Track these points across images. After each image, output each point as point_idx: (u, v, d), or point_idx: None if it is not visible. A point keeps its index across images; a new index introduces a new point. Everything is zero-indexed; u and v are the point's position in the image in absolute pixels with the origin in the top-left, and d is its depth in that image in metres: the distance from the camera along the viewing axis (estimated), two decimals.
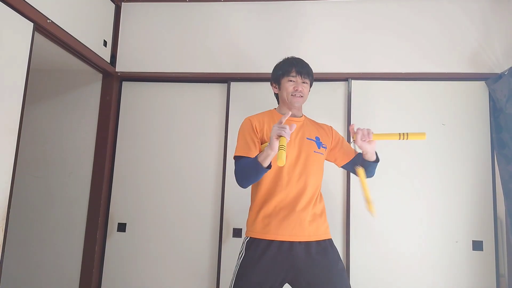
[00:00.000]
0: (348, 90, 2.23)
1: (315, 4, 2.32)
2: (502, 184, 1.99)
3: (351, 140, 1.49)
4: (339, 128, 2.19)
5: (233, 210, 2.20)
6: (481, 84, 2.15)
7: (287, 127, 1.27)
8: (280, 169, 1.49)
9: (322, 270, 1.43)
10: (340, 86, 2.26)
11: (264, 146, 1.48)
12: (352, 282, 2.06)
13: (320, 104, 2.21)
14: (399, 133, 1.44)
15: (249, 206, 1.58)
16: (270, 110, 1.67)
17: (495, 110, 2.09)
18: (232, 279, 1.46)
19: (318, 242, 1.47)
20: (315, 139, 1.57)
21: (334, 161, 1.70)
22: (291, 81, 1.55)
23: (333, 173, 2.14)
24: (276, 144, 1.26)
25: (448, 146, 2.12)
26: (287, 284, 1.47)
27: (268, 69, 1.73)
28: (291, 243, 1.44)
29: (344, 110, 2.23)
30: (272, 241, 1.44)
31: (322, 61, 2.24)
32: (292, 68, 1.55)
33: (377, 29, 2.25)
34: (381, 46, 2.24)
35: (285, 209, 1.47)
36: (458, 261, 2.02)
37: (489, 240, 2.02)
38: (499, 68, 2.12)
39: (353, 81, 2.23)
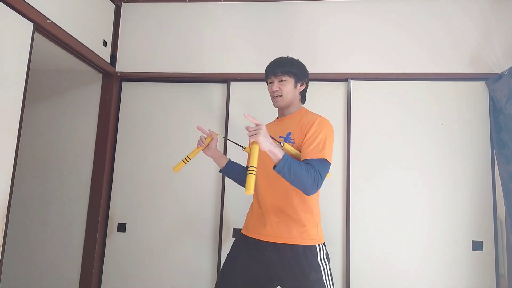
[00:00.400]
0: (348, 90, 2.23)
1: (315, 4, 2.32)
2: (502, 184, 1.99)
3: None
4: (339, 128, 2.19)
5: (233, 210, 2.20)
6: (481, 84, 2.15)
7: (201, 137, 1.63)
8: (258, 169, 1.40)
9: (291, 277, 1.38)
10: (340, 86, 2.26)
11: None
12: (352, 281, 2.07)
13: (320, 104, 2.21)
14: (250, 167, 1.17)
15: None
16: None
17: (495, 110, 2.09)
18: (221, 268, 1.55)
19: (291, 246, 1.39)
20: (285, 135, 1.47)
21: None
22: (270, 83, 1.55)
23: (333, 174, 2.14)
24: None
25: (448, 146, 2.12)
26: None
27: None
28: (265, 242, 1.44)
29: (344, 110, 2.23)
30: (249, 237, 1.50)
31: (322, 61, 2.24)
32: (267, 70, 1.56)
33: (377, 29, 2.25)
34: (381, 46, 2.24)
35: (259, 207, 1.51)
36: (458, 261, 2.02)
37: (489, 240, 2.02)
38: (499, 68, 2.12)
39: (353, 81, 2.23)
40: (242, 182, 1.65)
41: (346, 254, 2.09)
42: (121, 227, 2.32)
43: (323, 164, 1.35)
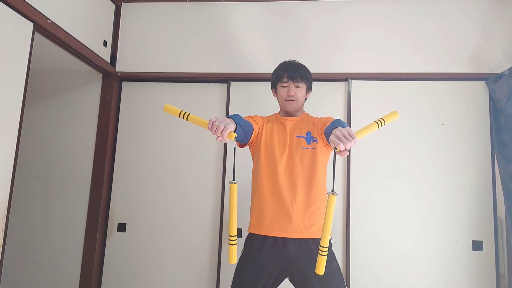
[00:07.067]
0: (348, 90, 2.23)
1: (314, 4, 2.32)
2: (502, 184, 1.99)
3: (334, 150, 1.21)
4: None
5: None
6: (481, 84, 2.15)
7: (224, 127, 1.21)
8: (271, 165, 1.52)
9: (314, 269, 1.43)
10: (340, 86, 2.26)
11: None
12: (351, 281, 2.07)
13: (320, 104, 2.21)
14: (376, 122, 1.27)
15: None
16: (275, 113, 1.70)
17: (495, 110, 2.09)
18: (234, 275, 1.51)
19: (314, 240, 1.45)
20: (305, 135, 1.57)
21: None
22: (284, 86, 1.59)
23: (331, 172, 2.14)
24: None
25: (448, 146, 2.12)
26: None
27: (268, 69, 1.73)
28: (284, 239, 1.46)
29: (344, 110, 2.23)
30: (266, 236, 1.48)
31: (322, 61, 2.24)
32: (284, 73, 1.58)
33: (377, 29, 2.25)
34: (381, 46, 2.24)
35: (276, 205, 1.50)
36: (458, 261, 2.02)
37: (489, 240, 2.02)
38: (499, 68, 2.12)
39: (353, 81, 2.23)
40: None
41: (346, 254, 2.09)
42: (121, 227, 2.32)
43: None
